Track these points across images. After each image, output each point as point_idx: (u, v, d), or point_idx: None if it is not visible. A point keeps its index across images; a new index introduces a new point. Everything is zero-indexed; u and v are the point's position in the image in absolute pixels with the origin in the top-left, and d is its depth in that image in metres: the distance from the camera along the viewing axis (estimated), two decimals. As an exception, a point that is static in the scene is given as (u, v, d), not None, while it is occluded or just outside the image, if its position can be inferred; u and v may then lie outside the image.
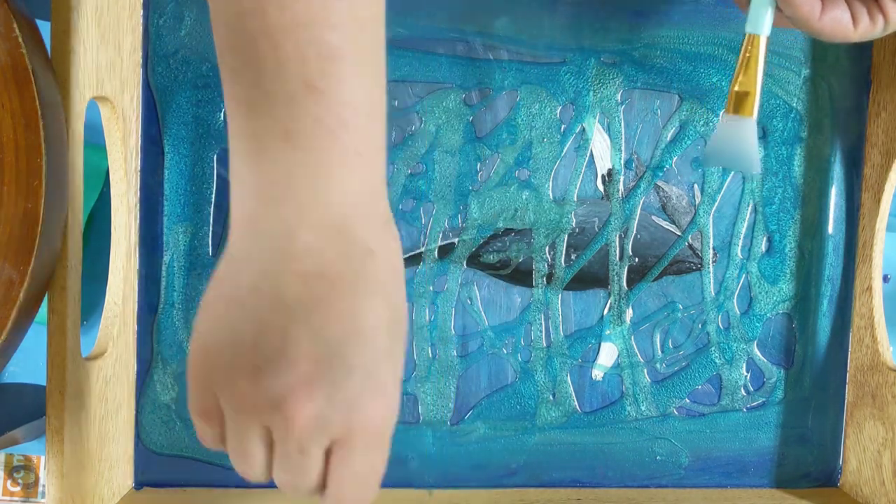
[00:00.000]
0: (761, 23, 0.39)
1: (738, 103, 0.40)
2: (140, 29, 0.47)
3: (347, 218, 0.27)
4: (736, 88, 0.40)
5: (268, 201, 0.26)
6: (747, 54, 0.39)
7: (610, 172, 0.51)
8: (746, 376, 0.52)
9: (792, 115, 0.51)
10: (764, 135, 0.51)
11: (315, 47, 0.25)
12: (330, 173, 0.26)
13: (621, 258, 0.51)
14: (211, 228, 0.49)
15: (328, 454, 0.28)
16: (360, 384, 0.26)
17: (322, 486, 0.29)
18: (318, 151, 0.26)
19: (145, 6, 0.47)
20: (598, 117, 0.50)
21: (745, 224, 0.52)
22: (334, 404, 0.26)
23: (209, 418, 0.28)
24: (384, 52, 0.28)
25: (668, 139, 0.51)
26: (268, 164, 0.26)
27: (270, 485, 0.49)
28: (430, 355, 0.50)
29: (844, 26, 0.36)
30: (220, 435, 0.29)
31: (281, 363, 0.26)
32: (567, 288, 0.51)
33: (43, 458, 0.50)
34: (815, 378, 0.53)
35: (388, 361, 0.27)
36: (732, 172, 0.51)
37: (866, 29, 0.37)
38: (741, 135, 0.40)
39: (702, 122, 0.51)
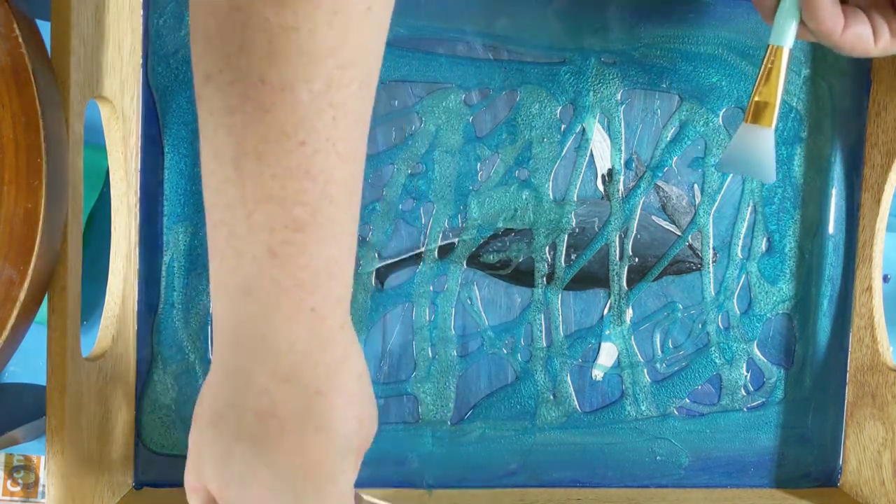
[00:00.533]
0: (785, 35, 0.39)
1: (758, 113, 0.41)
2: (140, 29, 0.47)
3: (295, 367, 0.29)
4: (756, 98, 0.41)
5: (230, 342, 0.30)
6: (769, 65, 0.40)
7: (610, 172, 0.51)
8: (746, 376, 0.52)
9: (792, 115, 0.51)
10: (764, 135, 0.51)
11: (282, 220, 0.28)
12: (280, 328, 0.29)
13: (621, 258, 0.51)
14: (211, 228, 0.49)
15: None
16: None
17: None
18: (271, 308, 0.29)
19: (145, 6, 0.47)
20: (598, 117, 0.50)
21: (745, 224, 0.52)
22: None
23: (195, 493, 0.33)
24: (355, 216, 0.30)
25: (668, 139, 0.51)
26: (229, 310, 0.29)
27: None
28: (430, 355, 0.50)
29: (865, 41, 0.37)
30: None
31: (241, 486, 0.30)
32: (567, 288, 0.51)
33: (43, 458, 0.50)
34: (815, 378, 0.53)
35: (334, 486, 0.31)
36: (732, 173, 0.51)
37: (887, 45, 0.38)
38: (759, 144, 0.41)
39: (702, 122, 0.51)
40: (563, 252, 0.51)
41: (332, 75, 0.28)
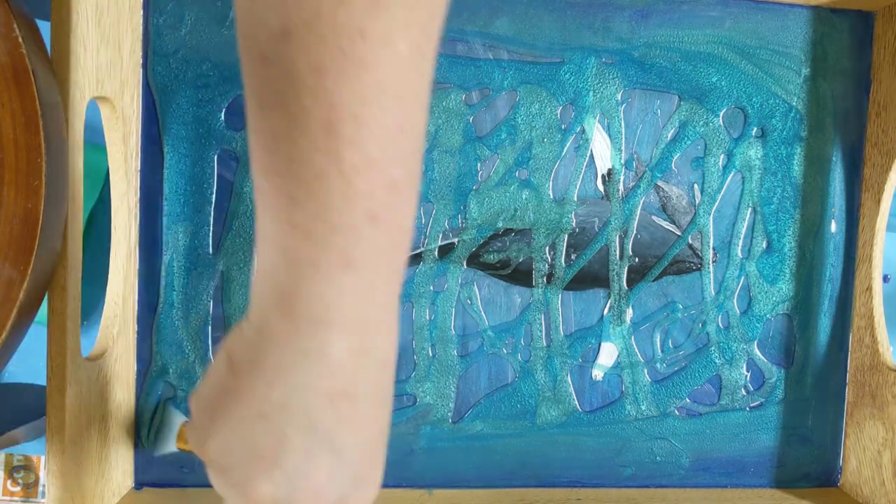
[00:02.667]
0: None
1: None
2: (140, 29, 0.47)
3: (379, 335, 0.28)
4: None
5: (311, 321, 0.27)
6: None
7: (610, 172, 0.51)
8: (746, 376, 0.52)
9: (792, 115, 0.51)
10: (763, 134, 0.51)
11: (383, 183, 0.26)
12: (381, 295, 0.27)
13: (621, 258, 0.51)
14: (211, 228, 0.49)
15: None
16: (368, 497, 0.29)
17: None
18: (372, 276, 0.27)
19: (145, 6, 0.47)
20: (598, 117, 0.50)
21: (745, 224, 0.52)
22: None
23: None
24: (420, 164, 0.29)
25: (668, 139, 0.51)
26: (323, 286, 0.26)
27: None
28: (430, 355, 0.50)
29: None
30: None
31: (299, 479, 0.27)
32: (567, 288, 0.51)
33: (43, 458, 0.50)
34: (815, 378, 0.53)
35: (381, 467, 0.29)
36: (732, 172, 0.51)
37: None
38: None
39: (702, 123, 0.51)
40: (563, 252, 0.51)
41: (424, 23, 0.26)
